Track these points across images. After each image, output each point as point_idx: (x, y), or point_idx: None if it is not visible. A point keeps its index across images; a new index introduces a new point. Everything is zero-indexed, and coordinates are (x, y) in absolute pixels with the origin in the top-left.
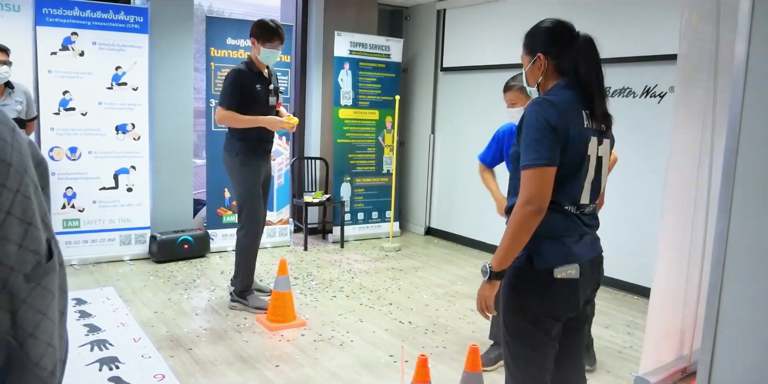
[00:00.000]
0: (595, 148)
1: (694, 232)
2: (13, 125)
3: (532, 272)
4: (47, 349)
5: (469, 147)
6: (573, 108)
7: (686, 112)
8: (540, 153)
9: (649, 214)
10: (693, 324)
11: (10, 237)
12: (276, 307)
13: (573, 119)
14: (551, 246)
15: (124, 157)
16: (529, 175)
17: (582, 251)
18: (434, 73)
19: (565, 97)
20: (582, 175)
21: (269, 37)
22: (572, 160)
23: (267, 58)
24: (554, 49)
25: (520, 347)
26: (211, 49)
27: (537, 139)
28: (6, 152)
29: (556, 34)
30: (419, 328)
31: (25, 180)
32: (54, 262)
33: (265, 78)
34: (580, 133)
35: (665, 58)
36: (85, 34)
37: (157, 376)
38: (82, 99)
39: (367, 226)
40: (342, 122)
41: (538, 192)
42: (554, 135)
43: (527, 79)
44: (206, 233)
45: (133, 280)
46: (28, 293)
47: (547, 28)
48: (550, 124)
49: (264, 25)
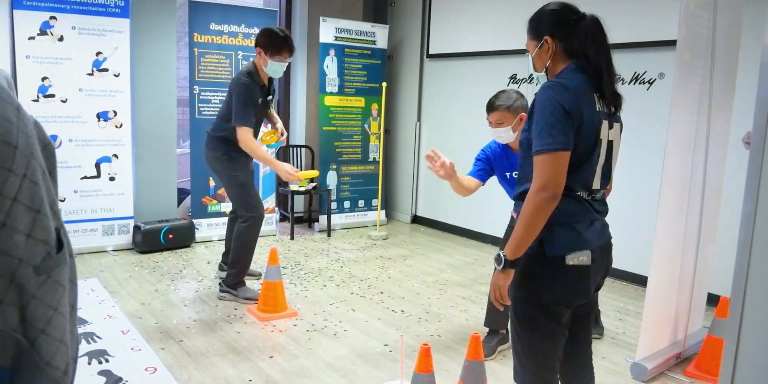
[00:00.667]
0: (606, 132)
1: (689, 218)
2: (17, 104)
3: (544, 259)
4: (59, 346)
5: (456, 135)
6: (585, 91)
7: (684, 97)
8: (554, 137)
9: (639, 200)
10: (687, 309)
11: (18, 226)
12: (267, 297)
13: (586, 102)
14: (563, 233)
15: (106, 146)
16: (544, 160)
17: (593, 237)
18: (420, 60)
19: (577, 80)
20: (594, 160)
21: (278, 49)
22: (585, 144)
23: (274, 71)
24: (561, 32)
25: (531, 335)
26: (194, 34)
27: (551, 123)
28: (11, 134)
29: (561, 16)
30: (412, 316)
31: (32, 164)
32: (64, 252)
33: (265, 89)
34: (592, 117)
35: (654, 44)
36: (64, 18)
37: (148, 368)
38: (61, 85)
39: (353, 215)
40: (328, 110)
41: (552, 177)
42: (568, 119)
43: (534, 64)
44: (191, 223)
45: (118, 271)
46: (38, 287)
47: (552, 11)
48: (564, 108)
49: (272, 35)
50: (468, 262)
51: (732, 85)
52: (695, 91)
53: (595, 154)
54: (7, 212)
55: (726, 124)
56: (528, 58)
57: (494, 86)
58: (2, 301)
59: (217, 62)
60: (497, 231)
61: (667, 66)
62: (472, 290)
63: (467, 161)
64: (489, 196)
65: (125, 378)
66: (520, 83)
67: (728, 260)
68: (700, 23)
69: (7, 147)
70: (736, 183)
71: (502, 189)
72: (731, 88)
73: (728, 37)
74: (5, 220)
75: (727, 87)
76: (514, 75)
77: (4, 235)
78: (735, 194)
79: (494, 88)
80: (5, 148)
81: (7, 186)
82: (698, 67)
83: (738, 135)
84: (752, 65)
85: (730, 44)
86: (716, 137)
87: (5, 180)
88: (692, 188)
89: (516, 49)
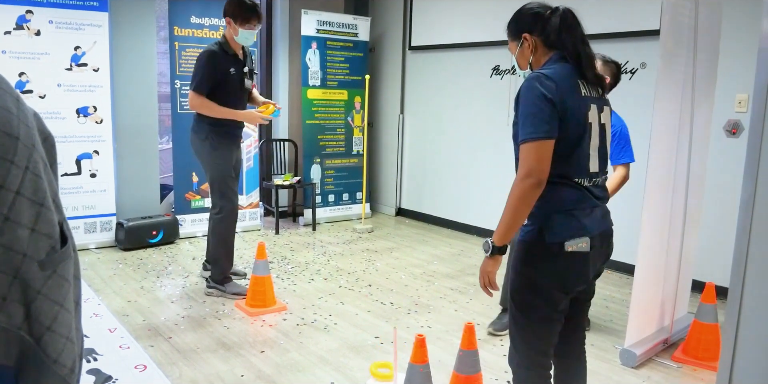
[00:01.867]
0: (597, 116)
1: (674, 206)
2: (17, 94)
3: (543, 246)
4: (66, 343)
5: (439, 126)
6: (568, 78)
7: (668, 86)
8: (536, 126)
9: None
10: (673, 296)
11: (21, 220)
12: (255, 292)
13: (569, 89)
14: (562, 220)
15: (87, 142)
16: (527, 149)
17: (592, 224)
18: (402, 52)
19: (560, 69)
20: (585, 145)
21: (247, 17)
22: (574, 130)
23: (245, 39)
24: (537, 26)
25: (528, 320)
26: (174, 28)
27: (533, 112)
28: (12, 124)
29: (535, 12)
30: (402, 308)
31: (34, 156)
32: (69, 247)
33: (240, 60)
34: (578, 103)
35: (637, 34)
36: (40, 11)
37: (138, 366)
38: (39, 81)
39: (338, 208)
40: (311, 103)
41: (536, 165)
42: (551, 107)
43: (519, 63)
44: (175, 219)
45: (102, 269)
46: (43, 282)
47: (526, 9)
48: (546, 97)
49: (241, 3)
50: (454, 253)
51: (714, 74)
52: (678, 80)
53: (586, 137)
54: (10, 206)
55: (708, 112)
56: (512, 58)
57: (477, 78)
58: (6, 297)
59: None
60: (482, 222)
61: (649, 56)
62: (460, 281)
63: (449, 152)
64: (473, 187)
65: (115, 376)
66: (503, 75)
67: (709, 247)
68: (682, 12)
69: (9, 138)
70: (717, 171)
71: (485, 181)
72: (713, 77)
73: (709, 26)
74: (8, 214)
75: (709, 76)
76: (496, 66)
77: (8, 230)
78: (716, 182)
79: (477, 79)
80: (6, 140)
81: (10, 178)
82: (681, 56)
83: (719, 123)
84: (732, 54)
85: (712, 33)
86: (699, 125)
87: (7, 172)
88: (677, 176)
89: (498, 40)
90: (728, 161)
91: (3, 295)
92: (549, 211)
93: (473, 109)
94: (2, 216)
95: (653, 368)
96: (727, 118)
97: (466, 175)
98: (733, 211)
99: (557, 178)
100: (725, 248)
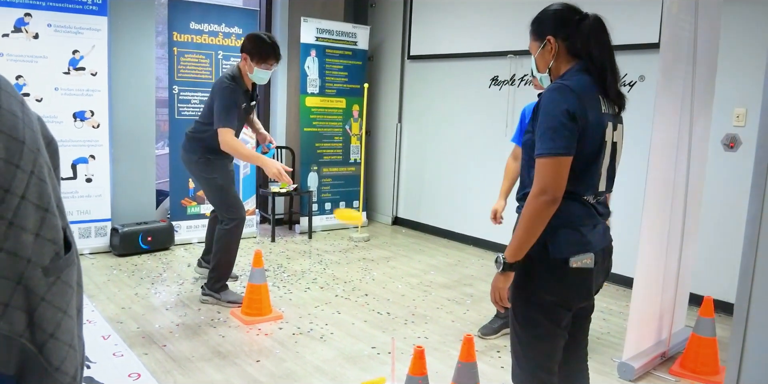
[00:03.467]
0: (611, 134)
1: (673, 220)
2: (21, 99)
3: (547, 261)
4: (69, 351)
5: (436, 136)
6: (591, 93)
7: (667, 99)
8: (556, 142)
9: (622, 202)
10: (671, 309)
11: (26, 225)
12: (251, 300)
13: (591, 105)
14: (567, 235)
15: (83, 146)
16: (545, 164)
17: (596, 240)
18: (401, 61)
19: (583, 82)
20: (600, 163)
21: (265, 57)
22: (591, 147)
23: (259, 78)
24: (564, 31)
25: (530, 337)
26: (173, 33)
27: (554, 127)
28: (18, 128)
29: (564, 16)
30: (398, 318)
31: (39, 160)
32: (72, 253)
33: (248, 94)
34: (598, 119)
35: (636, 47)
36: (39, 15)
37: (132, 375)
38: (37, 84)
39: (334, 217)
40: (309, 110)
41: (552, 182)
42: (573, 123)
43: (537, 64)
44: (170, 225)
45: (95, 275)
46: (47, 289)
47: (555, 11)
48: (570, 112)
49: (259, 41)
50: (451, 263)
51: (712, 88)
52: (678, 94)
53: (601, 156)
54: (15, 210)
55: (706, 126)
56: (531, 59)
57: (475, 88)
58: (8, 304)
59: (197, 62)
60: (479, 232)
61: (648, 69)
62: (457, 291)
63: (447, 162)
64: (470, 197)
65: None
66: (501, 85)
67: (707, 261)
68: (682, 26)
69: (15, 142)
70: (715, 185)
71: (482, 190)
72: (711, 91)
73: (709, 40)
74: (13, 219)
75: (708, 89)
76: (495, 77)
77: (12, 235)
78: (714, 196)
79: (475, 89)
80: (12, 144)
81: (15, 183)
82: (680, 69)
83: (717, 137)
84: (730, 68)
85: (711, 47)
86: (697, 139)
87: (13, 176)
88: (676, 190)
89: (497, 51)
90: (726, 175)
91: (5, 302)
92: (554, 226)
93: (471, 119)
94: (7, 221)
95: (651, 382)
96: (725, 132)
97: (463, 184)
98: (730, 225)
99: (567, 193)
100: (723, 262)
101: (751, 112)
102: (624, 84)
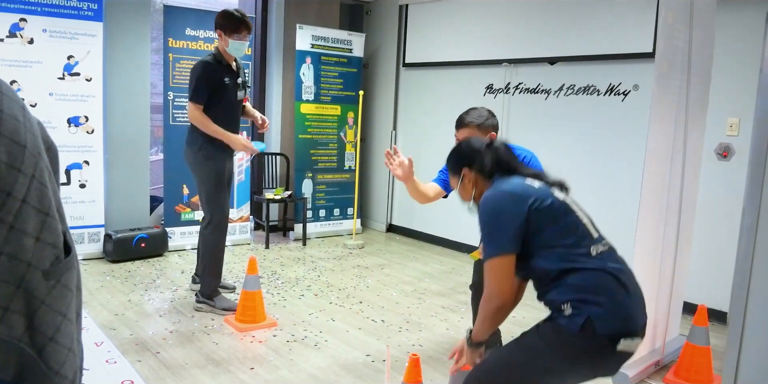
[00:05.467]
0: (561, 195)
1: (667, 228)
2: (22, 103)
3: (589, 338)
4: (68, 354)
5: (431, 144)
6: (524, 184)
7: (662, 109)
8: (497, 242)
9: (616, 210)
10: (665, 318)
11: (27, 229)
12: (245, 307)
13: (529, 193)
14: (613, 308)
15: (77, 152)
16: (489, 269)
17: (638, 314)
18: (396, 69)
19: (513, 182)
20: (573, 218)
21: (236, 28)
22: (550, 221)
23: (236, 49)
24: (476, 161)
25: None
26: (169, 39)
27: (488, 231)
28: (19, 133)
29: (472, 148)
30: (393, 326)
31: (40, 164)
32: (72, 257)
33: (234, 71)
34: (540, 198)
35: (630, 56)
36: (34, 20)
37: (125, 382)
38: (31, 90)
39: (328, 224)
40: (304, 117)
41: (497, 288)
42: (515, 220)
43: (461, 196)
44: (164, 231)
45: (89, 281)
46: (47, 292)
47: (464, 146)
48: (502, 211)
49: (229, 15)
50: (445, 270)
51: (706, 97)
52: (672, 103)
53: (570, 218)
54: (16, 214)
55: (700, 135)
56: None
57: (470, 96)
58: (8, 308)
59: None
60: (473, 240)
61: (642, 78)
62: (452, 299)
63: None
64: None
65: None
66: (496, 93)
67: (701, 269)
68: (677, 36)
69: (17, 146)
70: (709, 194)
71: None
72: (705, 100)
73: (703, 49)
74: (14, 222)
75: (702, 99)
76: (490, 85)
77: (13, 238)
78: (707, 205)
79: (470, 97)
80: (14, 148)
81: (17, 187)
82: (675, 78)
83: (710, 146)
84: (723, 78)
85: (705, 57)
86: (691, 148)
87: (15, 180)
88: (670, 199)
89: (492, 59)
90: (720, 184)
91: (5, 306)
92: (591, 300)
93: None
94: (7, 224)
95: None
96: (718, 142)
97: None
98: (724, 234)
99: (573, 262)
100: (717, 270)
101: (744, 122)
102: (619, 93)
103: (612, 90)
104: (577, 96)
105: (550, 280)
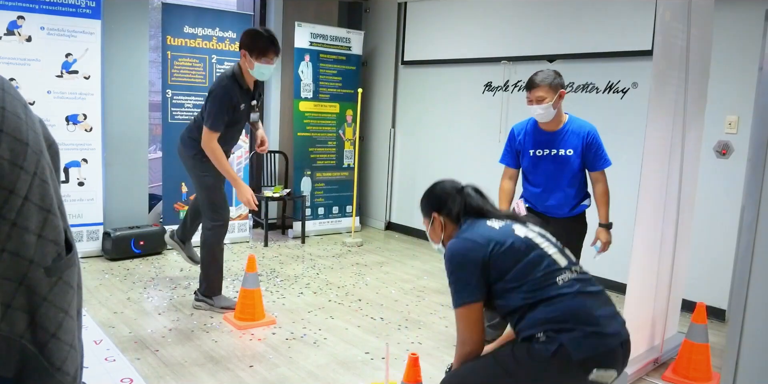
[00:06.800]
0: (523, 232)
1: (665, 226)
2: (24, 101)
3: (562, 364)
4: (70, 351)
5: (430, 141)
6: (486, 229)
7: (660, 106)
8: (458, 293)
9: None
10: (663, 315)
11: (29, 226)
12: (244, 305)
13: (490, 238)
14: (588, 336)
15: (75, 150)
16: (458, 317)
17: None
18: (395, 67)
19: (476, 227)
20: (536, 258)
21: (263, 51)
22: (512, 262)
23: (261, 74)
24: (445, 206)
25: None
26: (167, 37)
27: (452, 281)
28: (21, 130)
29: (443, 191)
30: (392, 324)
31: (42, 162)
32: (74, 254)
33: (251, 93)
34: (501, 242)
35: (628, 54)
36: (32, 18)
37: (124, 380)
38: (29, 87)
39: (327, 221)
40: (302, 115)
41: (468, 336)
42: (477, 269)
43: (431, 239)
44: (162, 229)
45: (87, 279)
46: (48, 289)
47: (437, 189)
48: (464, 260)
49: (257, 35)
50: (443, 268)
51: (704, 95)
52: (671, 101)
53: (532, 256)
54: (18, 211)
55: (699, 132)
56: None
57: (469, 94)
58: (10, 305)
59: (191, 66)
60: None
61: (640, 76)
62: (450, 297)
63: (440, 167)
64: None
65: None
66: (495, 91)
67: (699, 267)
68: (675, 34)
69: (19, 144)
70: (707, 191)
71: None
72: (703, 98)
73: (701, 47)
74: (16, 220)
75: (700, 96)
76: (489, 83)
77: (15, 235)
78: (706, 203)
79: (469, 95)
80: (17, 145)
81: (19, 184)
82: (673, 76)
83: (709, 144)
84: (721, 76)
85: (703, 54)
86: (690, 146)
87: (17, 178)
88: (668, 196)
89: (491, 57)
90: (718, 182)
91: (7, 303)
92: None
93: (464, 125)
94: (10, 221)
95: None
96: (717, 139)
97: None
98: (723, 232)
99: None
100: (715, 268)
101: (743, 120)
102: (617, 90)
103: (611, 88)
104: (576, 94)
105: (521, 316)
